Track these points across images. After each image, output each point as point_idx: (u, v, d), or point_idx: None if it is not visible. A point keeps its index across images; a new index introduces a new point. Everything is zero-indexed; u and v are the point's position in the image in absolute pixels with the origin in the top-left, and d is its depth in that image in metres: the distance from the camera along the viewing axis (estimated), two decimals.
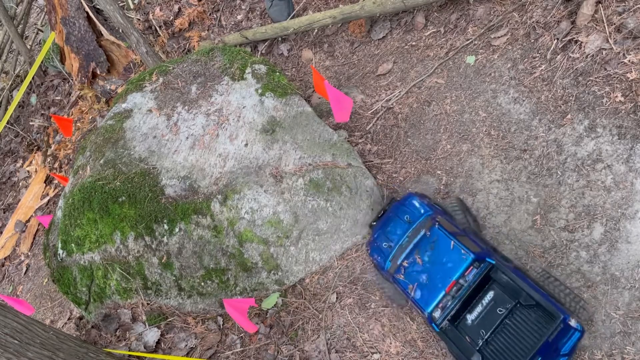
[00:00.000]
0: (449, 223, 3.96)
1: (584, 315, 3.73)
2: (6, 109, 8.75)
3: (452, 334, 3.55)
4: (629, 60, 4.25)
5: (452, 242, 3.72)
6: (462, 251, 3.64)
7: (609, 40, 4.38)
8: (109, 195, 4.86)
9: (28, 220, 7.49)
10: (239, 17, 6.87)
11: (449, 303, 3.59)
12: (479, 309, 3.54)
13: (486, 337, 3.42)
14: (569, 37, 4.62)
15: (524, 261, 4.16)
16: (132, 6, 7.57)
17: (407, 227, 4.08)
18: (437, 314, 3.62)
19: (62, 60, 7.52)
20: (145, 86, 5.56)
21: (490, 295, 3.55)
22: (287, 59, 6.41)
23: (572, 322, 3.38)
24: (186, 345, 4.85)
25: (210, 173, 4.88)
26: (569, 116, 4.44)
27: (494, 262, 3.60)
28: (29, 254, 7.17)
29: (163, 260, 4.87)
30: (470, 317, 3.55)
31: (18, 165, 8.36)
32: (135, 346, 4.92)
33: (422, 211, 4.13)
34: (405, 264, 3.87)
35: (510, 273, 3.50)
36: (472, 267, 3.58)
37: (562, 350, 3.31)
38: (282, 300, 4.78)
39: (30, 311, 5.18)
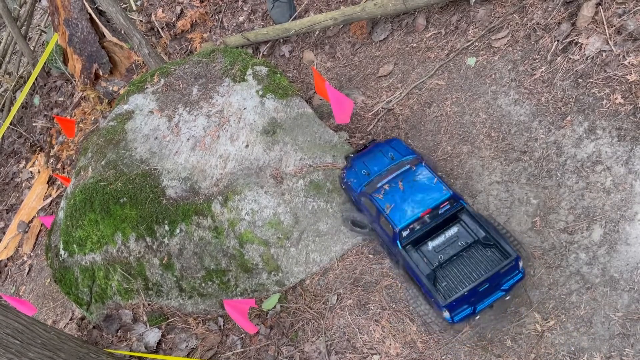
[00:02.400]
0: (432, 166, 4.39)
1: (523, 254, 4.08)
2: (9, 110, 8.79)
3: (411, 252, 4.00)
4: (629, 62, 4.25)
5: (435, 179, 4.11)
6: (443, 187, 4.03)
7: (609, 42, 4.39)
8: (111, 196, 4.88)
9: (31, 221, 7.53)
10: (240, 19, 6.89)
11: (417, 228, 4.00)
12: (441, 239, 4.03)
13: (443, 261, 3.91)
14: (569, 39, 4.63)
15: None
16: (134, 8, 7.61)
17: (389, 162, 4.43)
18: (405, 233, 3.99)
19: (65, 62, 7.55)
20: (147, 87, 5.59)
21: (453, 230, 4.04)
22: (289, 60, 6.43)
23: (520, 265, 3.83)
24: (187, 346, 4.87)
25: (211, 174, 4.90)
26: (568, 118, 4.44)
27: (465, 204, 4.04)
28: (32, 254, 7.20)
29: (164, 261, 4.89)
30: (431, 244, 4.03)
31: (21, 166, 8.40)
32: (136, 347, 4.94)
33: (407, 153, 4.50)
34: (386, 187, 4.17)
35: (476, 215, 3.98)
36: (447, 202, 3.99)
37: (504, 285, 3.81)
38: (282, 301, 4.80)
39: (32, 311, 5.21)
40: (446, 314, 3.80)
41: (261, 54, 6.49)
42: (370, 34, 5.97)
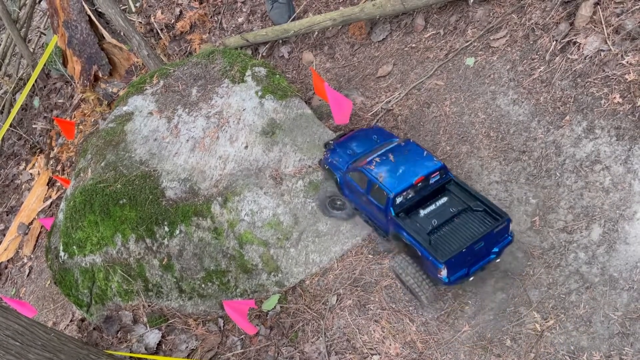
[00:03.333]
0: None
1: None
2: (9, 112, 8.80)
3: (404, 219, 4.07)
4: (627, 62, 4.25)
5: (425, 152, 4.22)
6: (434, 158, 4.13)
7: (607, 41, 4.39)
8: (110, 198, 4.89)
9: (31, 223, 7.53)
10: (239, 20, 6.90)
11: (409, 196, 4.08)
12: (432, 207, 4.13)
13: (436, 225, 4.00)
14: (567, 39, 4.63)
15: None
16: (133, 9, 7.62)
17: (374, 144, 4.52)
18: (398, 200, 4.04)
19: (65, 63, 7.56)
20: (146, 89, 5.59)
21: (444, 199, 4.16)
22: (288, 61, 6.43)
23: (510, 227, 3.92)
24: (187, 347, 4.87)
25: (210, 175, 4.91)
26: (567, 117, 4.44)
27: (453, 177, 4.17)
28: (32, 256, 7.20)
29: (164, 262, 4.89)
30: (423, 212, 4.11)
31: (21, 167, 8.41)
32: (136, 348, 4.94)
33: (391, 137, 4.62)
34: (377, 159, 4.22)
35: (464, 185, 4.11)
36: (438, 172, 4.10)
37: (494, 248, 3.91)
38: (282, 302, 4.80)
39: (33, 313, 5.21)
40: (444, 273, 3.80)
41: (260, 55, 6.49)
42: (369, 34, 5.98)
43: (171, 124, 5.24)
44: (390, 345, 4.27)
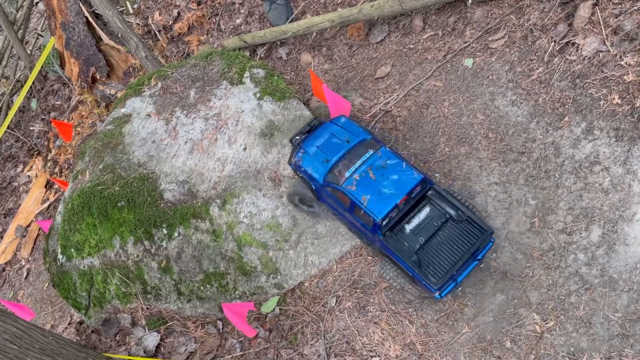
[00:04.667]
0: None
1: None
2: (7, 114, 8.78)
3: (393, 240, 4.09)
4: (626, 63, 4.25)
5: (404, 163, 4.19)
6: (414, 171, 4.13)
7: (606, 42, 4.39)
8: (108, 200, 4.87)
9: (29, 225, 7.51)
10: (237, 21, 6.89)
11: (394, 214, 4.07)
12: (416, 221, 4.13)
13: (423, 242, 4.02)
14: (566, 40, 4.63)
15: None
16: (131, 11, 7.60)
17: (346, 147, 4.41)
18: (384, 222, 4.04)
19: (62, 65, 7.54)
20: (144, 91, 5.58)
21: (426, 211, 4.15)
22: (286, 62, 6.43)
23: (492, 236, 4.10)
24: (186, 350, 4.86)
25: (209, 177, 4.90)
26: (566, 118, 4.44)
27: (433, 184, 4.21)
28: (30, 258, 7.18)
29: (162, 265, 4.88)
30: (408, 227, 4.12)
31: (19, 170, 8.39)
32: (135, 350, 4.93)
33: (360, 132, 4.51)
34: (356, 177, 4.17)
35: (445, 194, 4.15)
36: (419, 185, 4.10)
37: (479, 256, 4.04)
38: (281, 304, 4.79)
39: (30, 316, 5.19)
40: (436, 293, 3.96)
41: (258, 57, 6.48)
42: (367, 35, 5.97)
43: (169, 126, 5.23)
44: (390, 347, 4.27)
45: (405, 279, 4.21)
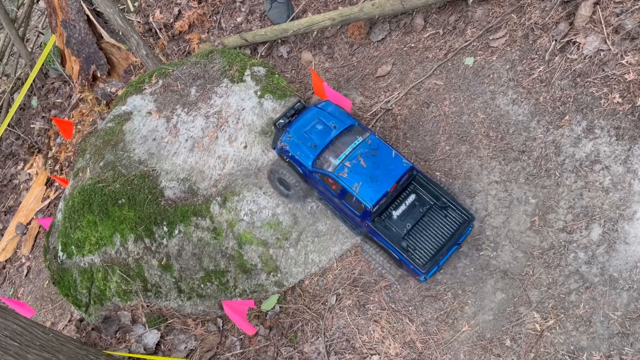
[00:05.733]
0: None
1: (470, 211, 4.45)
2: (7, 112, 8.78)
3: (382, 225, 4.21)
4: (627, 62, 4.25)
5: (394, 152, 4.28)
6: (403, 160, 4.23)
7: (607, 41, 4.39)
8: (109, 198, 4.88)
9: (29, 223, 7.51)
10: (238, 20, 6.89)
11: (383, 201, 4.17)
12: (403, 207, 4.25)
13: (410, 228, 4.15)
14: (567, 39, 4.63)
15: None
16: (132, 9, 7.60)
17: (334, 133, 4.44)
18: (375, 208, 4.15)
19: (63, 63, 7.54)
20: (145, 89, 5.58)
21: (412, 197, 4.28)
22: (287, 61, 6.43)
23: (473, 221, 4.30)
24: (186, 347, 4.86)
25: (209, 175, 4.90)
26: (567, 117, 4.44)
27: (418, 172, 4.34)
28: (30, 256, 7.18)
29: (163, 262, 4.88)
30: (395, 213, 4.24)
31: (19, 167, 8.38)
32: (135, 348, 4.93)
33: (346, 118, 4.55)
34: (348, 164, 4.23)
35: (429, 181, 4.31)
36: (407, 173, 4.21)
37: (459, 240, 4.23)
38: (281, 302, 4.79)
39: (31, 313, 5.19)
40: (422, 277, 4.15)
41: (259, 55, 6.48)
42: (368, 34, 5.97)
43: (170, 124, 5.23)
44: (390, 345, 4.27)
45: (389, 262, 4.38)
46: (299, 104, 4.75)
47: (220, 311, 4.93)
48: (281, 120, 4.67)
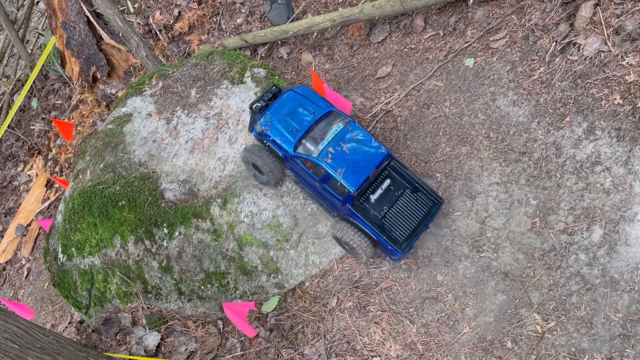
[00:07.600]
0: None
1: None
2: (7, 113, 8.77)
3: (361, 208, 4.34)
4: (628, 63, 4.25)
5: (372, 138, 4.41)
6: (381, 146, 4.38)
7: (608, 42, 4.38)
8: (109, 200, 4.87)
9: (29, 224, 7.51)
10: (238, 21, 6.88)
11: (364, 186, 4.31)
12: (379, 191, 4.39)
13: (387, 210, 4.34)
14: (567, 40, 4.63)
15: None
16: (132, 10, 7.60)
17: (314, 118, 4.49)
18: (357, 193, 4.29)
19: (63, 64, 7.54)
20: (145, 90, 5.58)
21: (387, 182, 4.43)
22: (287, 62, 6.42)
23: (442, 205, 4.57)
24: (186, 349, 4.86)
25: (209, 177, 4.89)
26: (567, 119, 4.44)
27: (393, 158, 4.47)
28: (30, 258, 7.18)
29: (163, 264, 4.88)
30: (373, 197, 4.37)
31: (19, 169, 8.39)
32: (135, 350, 4.92)
33: (325, 104, 4.60)
34: (331, 150, 4.32)
35: (403, 167, 4.47)
36: (386, 159, 4.36)
37: (428, 222, 4.44)
38: (282, 304, 4.79)
39: (31, 315, 5.19)
40: (397, 256, 4.31)
41: (259, 56, 6.48)
42: (368, 35, 5.97)
43: (170, 125, 5.22)
44: (391, 347, 4.27)
45: (365, 242, 4.43)
46: (274, 87, 4.75)
47: (220, 313, 4.93)
48: (258, 104, 4.65)
